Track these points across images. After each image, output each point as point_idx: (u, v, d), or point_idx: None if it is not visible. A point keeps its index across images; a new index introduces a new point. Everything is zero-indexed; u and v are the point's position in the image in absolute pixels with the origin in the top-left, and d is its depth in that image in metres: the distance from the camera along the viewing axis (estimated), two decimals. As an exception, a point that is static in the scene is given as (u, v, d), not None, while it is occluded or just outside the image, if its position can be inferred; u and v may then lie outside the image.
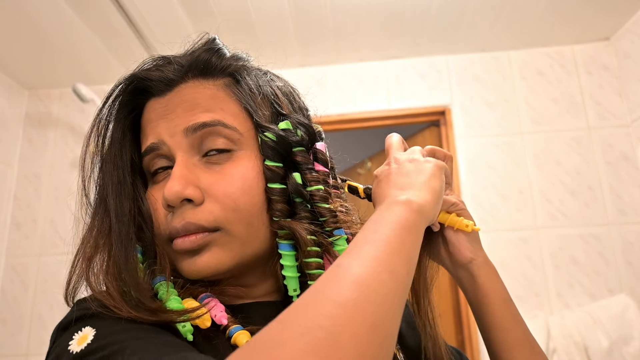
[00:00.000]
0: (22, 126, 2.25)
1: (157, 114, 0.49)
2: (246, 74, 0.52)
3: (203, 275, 0.47)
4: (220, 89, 0.50)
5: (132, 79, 0.50)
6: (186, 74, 0.51)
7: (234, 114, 0.49)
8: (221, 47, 0.53)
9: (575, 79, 2.09)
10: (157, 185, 0.49)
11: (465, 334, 1.90)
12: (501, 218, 1.97)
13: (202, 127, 0.47)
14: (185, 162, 0.47)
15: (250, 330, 0.44)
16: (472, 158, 2.05)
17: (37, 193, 2.16)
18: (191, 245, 0.45)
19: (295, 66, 2.20)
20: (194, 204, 0.46)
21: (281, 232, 0.48)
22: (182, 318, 0.42)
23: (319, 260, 0.47)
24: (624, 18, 1.96)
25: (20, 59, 2.03)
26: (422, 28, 1.98)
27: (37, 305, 2.03)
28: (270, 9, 1.80)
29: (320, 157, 0.52)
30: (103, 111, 0.51)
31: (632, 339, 1.66)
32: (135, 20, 1.77)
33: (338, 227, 0.50)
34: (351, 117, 2.15)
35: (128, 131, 0.52)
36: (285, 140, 0.49)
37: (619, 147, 2.00)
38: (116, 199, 0.48)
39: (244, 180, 0.47)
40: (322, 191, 0.49)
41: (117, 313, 0.40)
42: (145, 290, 0.44)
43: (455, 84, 2.15)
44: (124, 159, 0.50)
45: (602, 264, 1.89)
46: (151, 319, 0.40)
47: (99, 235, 0.47)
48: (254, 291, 0.52)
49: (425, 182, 0.47)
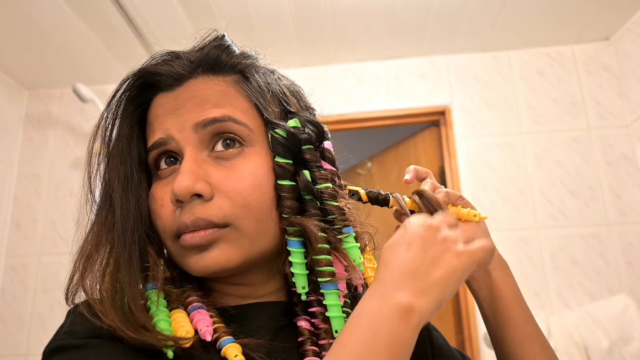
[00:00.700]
0: (22, 126, 2.25)
1: (165, 109, 0.49)
2: (255, 72, 0.52)
3: (211, 272, 0.46)
4: (230, 86, 0.50)
5: (140, 74, 0.50)
6: (196, 69, 0.50)
7: (243, 110, 0.49)
8: (230, 44, 0.53)
9: (575, 79, 2.09)
10: (163, 182, 0.49)
11: (465, 334, 1.90)
12: (501, 218, 1.97)
13: (212, 123, 0.47)
14: (194, 157, 0.46)
15: (242, 343, 0.44)
16: (472, 158, 2.05)
17: (37, 193, 2.16)
18: (200, 240, 0.45)
19: (296, 66, 2.20)
20: (204, 199, 0.45)
21: (290, 229, 0.47)
22: (164, 344, 0.41)
23: (328, 257, 0.47)
24: (624, 18, 1.96)
25: (20, 59, 2.03)
26: (422, 28, 1.98)
27: (37, 305, 2.03)
28: (270, 9, 1.80)
29: (327, 155, 0.52)
30: (111, 106, 0.50)
31: (632, 339, 1.66)
32: (135, 20, 1.77)
33: (347, 225, 0.49)
34: (351, 117, 2.15)
35: (135, 126, 0.51)
36: (295, 137, 0.49)
37: (619, 147, 1.99)
38: (122, 194, 0.47)
39: (254, 176, 0.47)
40: (331, 189, 0.49)
41: (101, 319, 0.40)
42: (137, 295, 0.43)
43: (455, 84, 2.15)
44: (131, 154, 0.50)
45: (602, 264, 1.89)
46: (134, 335, 0.40)
47: (102, 230, 0.47)
48: (259, 290, 0.52)
49: (441, 280, 0.39)
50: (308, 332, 0.48)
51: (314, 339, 0.48)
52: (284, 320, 0.50)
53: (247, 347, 0.44)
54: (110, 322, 0.40)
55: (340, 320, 0.47)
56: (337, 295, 0.47)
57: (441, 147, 2.12)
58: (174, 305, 0.46)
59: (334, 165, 0.53)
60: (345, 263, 0.48)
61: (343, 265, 0.48)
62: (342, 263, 0.48)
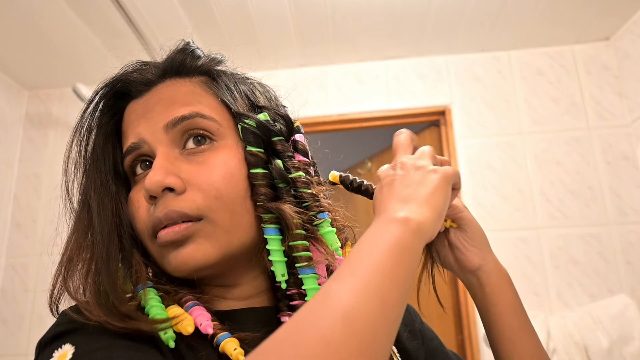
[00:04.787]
0: (22, 126, 2.25)
1: (137, 115, 0.50)
2: (222, 72, 0.54)
3: (189, 268, 0.46)
4: (197, 86, 0.51)
5: (112, 83, 0.52)
6: (163, 74, 0.52)
7: (211, 106, 0.50)
8: (195, 48, 0.54)
9: (575, 79, 2.09)
10: (139, 185, 0.49)
11: (465, 334, 1.90)
12: (501, 218, 1.97)
13: (182, 121, 0.48)
14: (166, 155, 0.47)
15: (239, 337, 0.44)
16: (472, 158, 2.05)
17: (37, 193, 2.16)
18: (175, 235, 0.45)
19: (295, 66, 2.20)
20: (176, 193, 0.46)
21: (266, 217, 0.48)
22: (161, 326, 0.41)
23: (305, 242, 0.47)
24: (624, 18, 1.96)
25: (20, 59, 2.03)
26: (422, 28, 1.98)
27: (37, 305, 2.03)
28: (270, 9, 1.80)
29: (299, 147, 0.53)
30: (85, 117, 0.51)
31: (632, 339, 1.66)
32: (135, 21, 1.77)
33: (322, 211, 0.50)
34: (351, 117, 2.15)
35: (110, 136, 0.52)
36: (265, 127, 0.49)
37: (619, 147, 2.00)
38: (99, 200, 0.48)
39: (226, 167, 0.47)
40: (304, 177, 0.50)
41: (88, 316, 0.40)
42: (121, 293, 0.43)
43: (455, 84, 2.15)
44: (106, 162, 0.51)
45: (602, 264, 1.89)
46: (121, 325, 0.40)
47: (80, 236, 0.47)
48: (244, 289, 0.51)
49: (428, 195, 0.43)
50: None
51: None
52: (271, 326, 0.50)
53: (245, 342, 0.44)
54: (97, 318, 0.40)
55: None
56: (316, 280, 0.48)
57: (441, 147, 2.12)
58: (169, 303, 0.46)
59: (308, 157, 0.53)
60: (323, 249, 0.49)
61: (321, 252, 0.49)
62: (320, 250, 0.49)
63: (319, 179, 0.55)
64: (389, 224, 0.40)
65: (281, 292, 0.50)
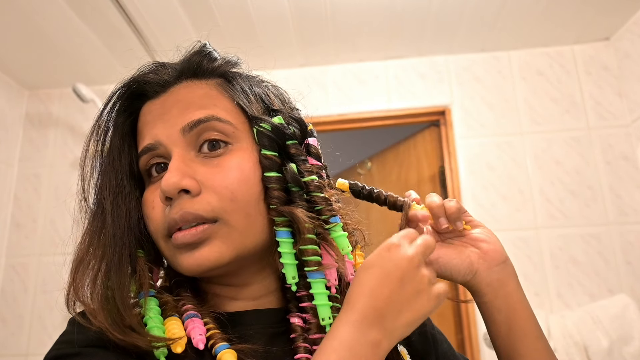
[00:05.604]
0: (22, 126, 2.25)
1: (153, 116, 0.51)
2: (237, 75, 0.54)
3: (203, 269, 0.47)
4: (213, 88, 0.52)
5: (129, 83, 0.52)
6: (180, 75, 0.53)
7: (227, 109, 0.50)
8: (212, 50, 0.55)
9: (575, 79, 2.09)
10: (154, 186, 0.50)
11: (465, 334, 1.90)
12: (501, 218, 1.97)
13: (198, 124, 0.48)
14: (182, 157, 0.48)
15: (237, 349, 0.44)
16: (472, 158, 2.05)
17: (37, 193, 2.16)
18: (192, 238, 0.46)
19: (296, 66, 2.20)
20: (191, 194, 0.46)
21: (278, 220, 0.48)
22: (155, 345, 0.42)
23: (315, 247, 0.48)
24: (624, 18, 1.96)
25: (20, 59, 2.03)
26: (422, 28, 1.98)
27: (37, 305, 2.03)
28: (270, 9, 1.80)
29: (313, 151, 0.53)
30: (102, 117, 0.52)
31: (632, 339, 1.66)
32: (135, 21, 1.77)
33: (334, 215, 0.50)
34: (351, 117, 2.15)
35: (126, 136, 0.53)
36: (280, 131, 0.50)
37: (619, 147, 2.00)
38: (113, 201, 0.49)
39: (240, 170, 0.48)
40: (317, 181, 0.50)
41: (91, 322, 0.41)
42: (128, 299, 0.44)
43: (455, 84, 2.15)
44: (122, 163, 0.51)
45: (602, 264, 1.89)
46: (121, 337, 0.41)
47: (94, 236, 0.48)
48: (254, 290, 0.52)
49: (408, 323, 0.41)
50: (300, 329, 0.49)
51: (306, 335, 0.48)
52: (280, 327, 0.50)
53: (243, 353, 0.44)
54: (99, 324, 0.41)
55: (327, 308, 0.47)
56: (324, 284, 0.48)
57: (441, 147, 2.12)
58: (169, 313, 0.46)
59: (320, 161, 0.54)
60: (334, 253, 0.49)
61: (332, 256, 0.49)
62: (331, 254, 0.49)
63: (331, 182, 0.55)
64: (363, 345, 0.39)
65: (291, 294, 0.50)
